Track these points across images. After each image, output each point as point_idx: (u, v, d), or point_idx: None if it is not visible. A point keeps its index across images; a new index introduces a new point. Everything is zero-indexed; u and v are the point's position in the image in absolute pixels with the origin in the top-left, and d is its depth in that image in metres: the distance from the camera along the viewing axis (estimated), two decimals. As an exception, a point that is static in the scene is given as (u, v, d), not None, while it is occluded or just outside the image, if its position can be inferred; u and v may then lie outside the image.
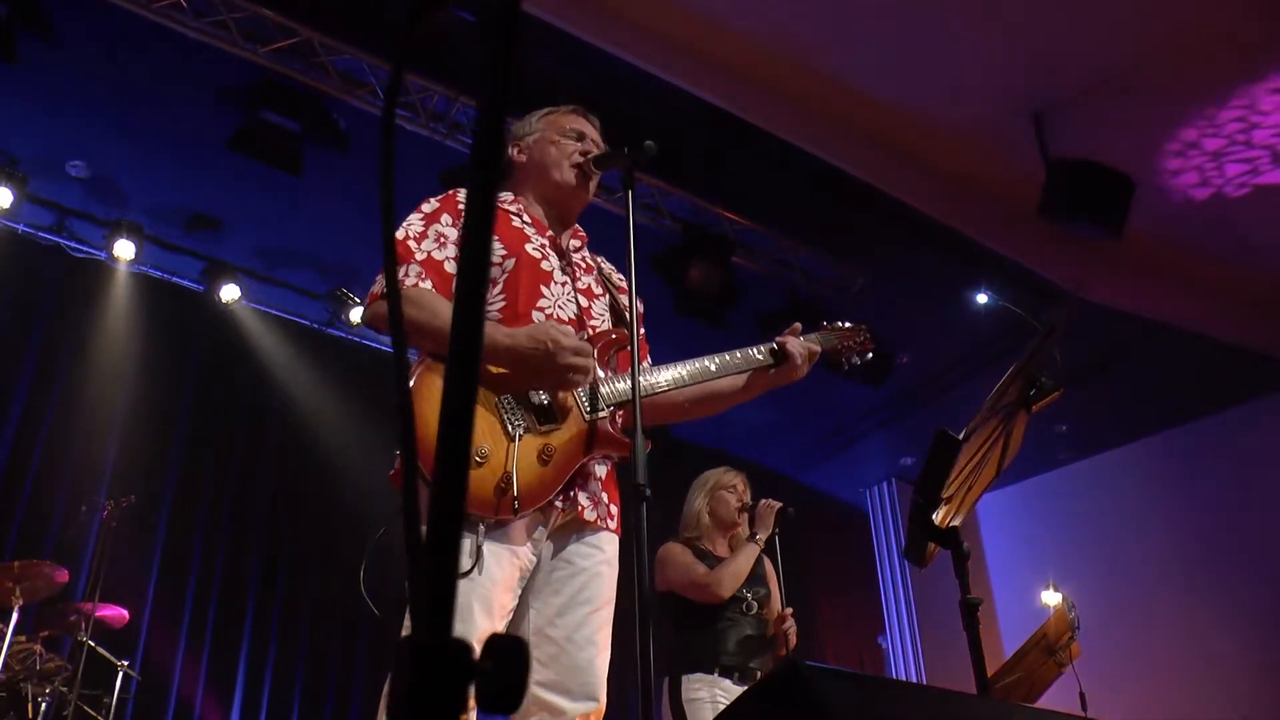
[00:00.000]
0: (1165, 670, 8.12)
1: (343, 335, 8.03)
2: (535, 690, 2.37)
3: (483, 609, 2.26)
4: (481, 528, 2.26)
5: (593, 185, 2.77)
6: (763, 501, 4.35)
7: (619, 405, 2.50)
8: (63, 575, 5.50)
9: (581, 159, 2.72)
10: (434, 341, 2.37)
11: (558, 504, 2.42)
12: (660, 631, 4.23)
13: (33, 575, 5.33)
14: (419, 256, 2.48)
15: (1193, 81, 5.83)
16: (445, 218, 2.58)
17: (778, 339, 2.77)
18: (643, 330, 2.85)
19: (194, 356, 7.62)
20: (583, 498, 2.47)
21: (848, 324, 3.13)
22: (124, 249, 7.14)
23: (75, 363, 7.17)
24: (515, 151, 2.85)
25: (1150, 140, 6.21)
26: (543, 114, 2.86)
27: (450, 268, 2.49)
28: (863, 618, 9.89)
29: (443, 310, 2.37)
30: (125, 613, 5.87)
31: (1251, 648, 7.86)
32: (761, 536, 4.25)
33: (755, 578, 4.32)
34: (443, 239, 2.53)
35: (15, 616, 5.17)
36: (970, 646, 1.85)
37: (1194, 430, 8.71)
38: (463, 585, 2.26)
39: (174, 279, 7.66)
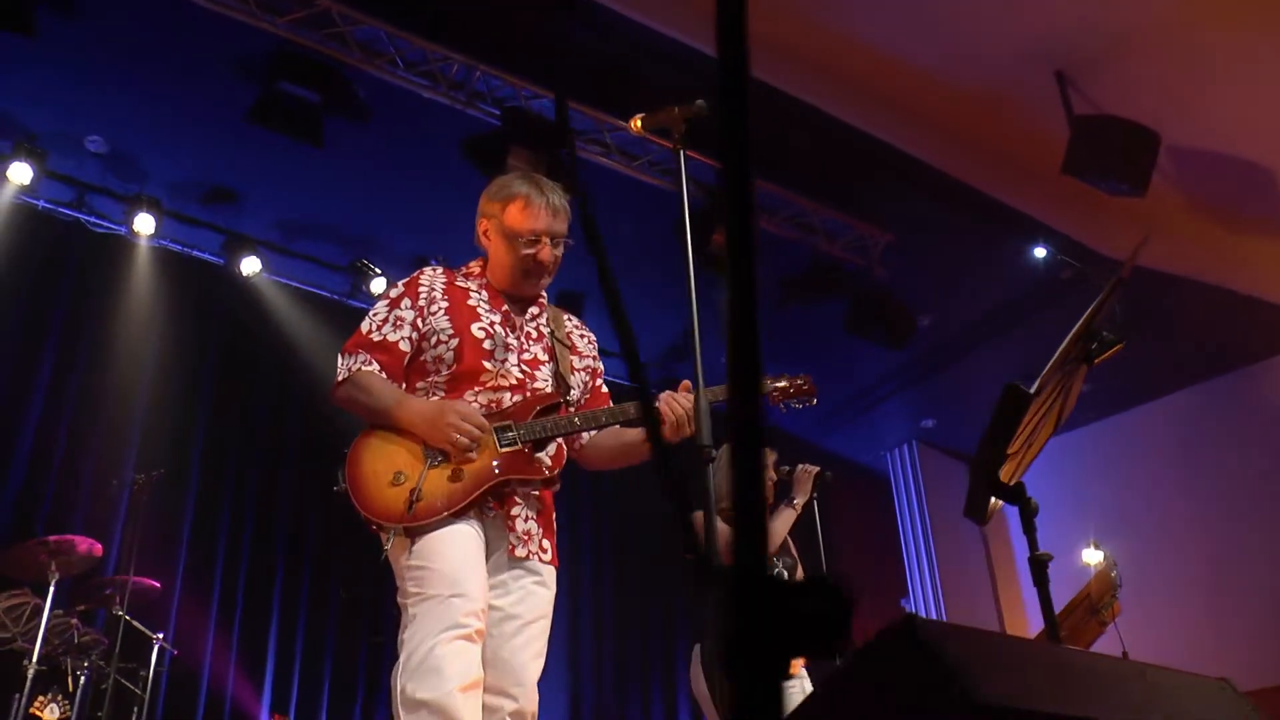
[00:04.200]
0: (1200, 625, 8.11)
1: (364, 306, 7.97)
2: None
3: (474, 561, 2.70)
4: (392, 534, 2.71)
5: (545, 281, 3.06)
6: (800, 467, 4.36)
7: (535, 441, 2.85)
8: (97, 549, 5.54)
9: (532, 265, 2.97)
10: (369, 414, 2.85)
11: (488, 511, 2.81)
12: (689, 600, 4.29)
13: (67, 550, 5.36)
14: (374, 339, 2.91)
15: (1217, 37, 5.77)
16: (405, 302, 2.97)
17: (658, 400, 2.87)
18: (600, 372, 3.21)
19: (215, 330, 7.64)
20: (511, 537, 2.84)
21: (795, 377, 3.27)
22: (144, 223, 7.13)
23: (98, 338, 7.19)
24: (480, 231, 3.08)
25: (1174, 97, 6.15)
26: (502, 196, 3.04)
27: (405, 345, 2.92)
28: (886, 581, 9.90)
29: (374, 387, 2.83)
30: (158, 584, 5.91)
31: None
32: (799, 501, 4.26)
33: (783, 546, 4.35)
34: (400, 321, 2.93)
35: (52, 591, 5.20)
36: (1041, 603, 1.84)
37: (1215, 387, 8.66)
38: (439, 551, 2.67)
39: (194, 253, 7.65)
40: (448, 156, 5.91)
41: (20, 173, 6.71)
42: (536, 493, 2.93)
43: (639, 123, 2.78)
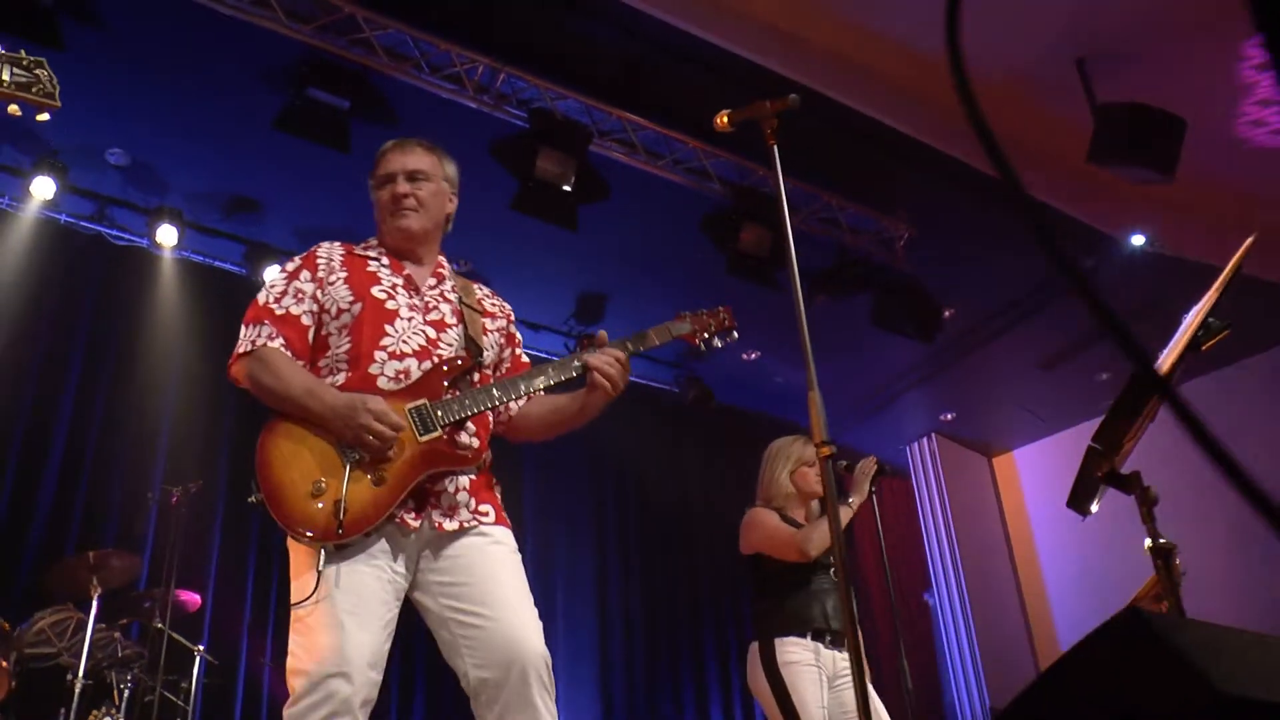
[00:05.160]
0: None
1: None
2: (475, 673, 2.51)
3: (354, 621, 2.44)
4: (322, 553, 2.48)
5: (411, 220, 2.89)
6: (861, 462, 4.35)
7: (454, 424, 2.67)
8: (135, 563, 5.55)
9: (393, 205, 2.90)
10: (271, 397, 2.64)
11: (409, 521, 2.58)
12: (744, 596, 4.28)
13: (107, 565, 5.38)
14: (276, 313, 2.75)
15: (1242, 21, 5.78)
16: (304, 274, 2.82)
17: (585, 358, 2.80)
18: (519, 341, 3.07)
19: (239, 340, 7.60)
20: (436, 515, 2.62)
21: (705, 310, 3.15)
22: (166, 235, 7.12)
23: (122, 351, 7.20)
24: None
25: (1200, 82, 6.16)
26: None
27: (307, 320, 2.76)
28: (908, 575, 9.91)
29: (281, 369, 2.64)
30: (198, 597, 5.92)
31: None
32: (855, 500, 4.24)
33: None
34: (300, 294, 2.78)
35: (96, 606, 5.21)
36: (1167, 593, 1.83)
37: (1244, 369, 8.63)
38: (327, 602, 2.45)
39: (216, 263, 7.64)
40: (475, 159, 5.90)
41: (43, 187, 6.71)
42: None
43: (726, 118, 2.77)
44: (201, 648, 5.79)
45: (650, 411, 8.95)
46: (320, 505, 2.49)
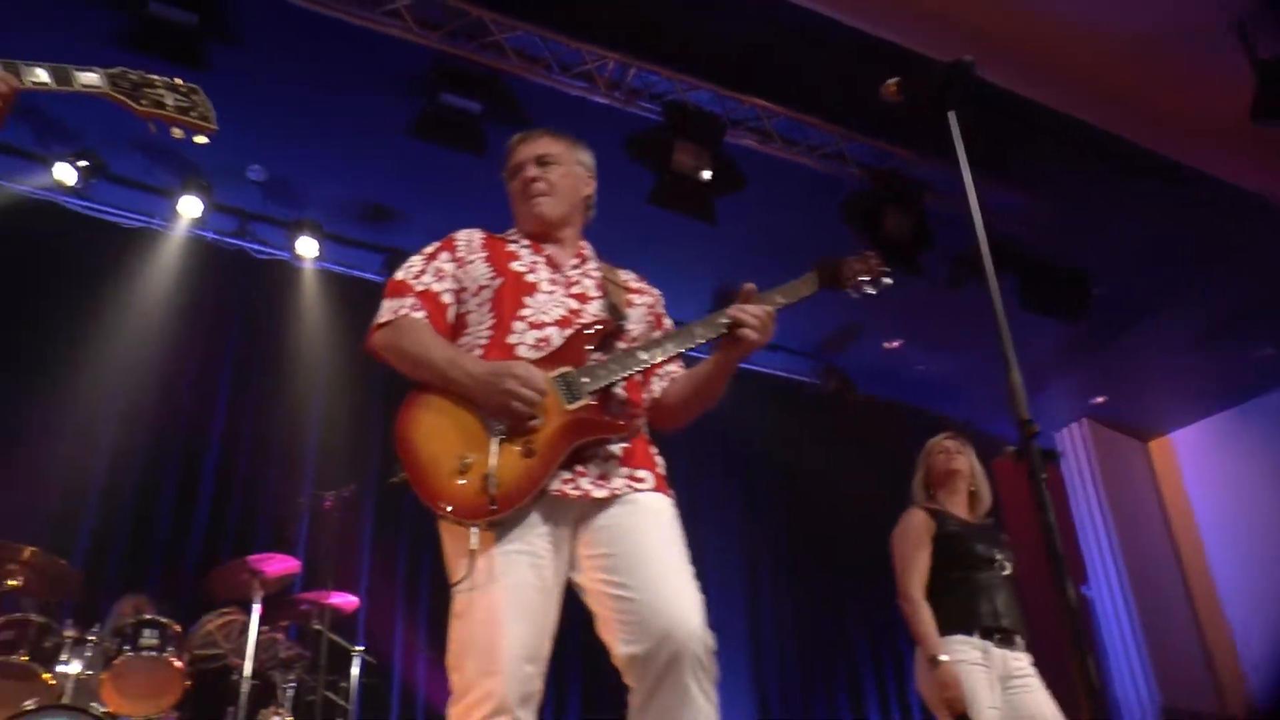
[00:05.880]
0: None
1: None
2: (625, 649, 2.32)
3: (510, 614, 2.31)
4: (474, 532, 2.34)
5: (543, 203, 2.82)
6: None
7: (600, 390, 2.54)
8: (294, 566, 5.67)
9: (524, 191, 2.86)
10: (412, 368, 2.56)
11: (566, 490, 2.44)
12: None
13: (268, 568, 5.49)
14: (416, 289, 2.67)
15: None
16: (444, 255, 2.76)
17: (729, 311, 2.64)
18: (667, 326, 2.90)
19: (383, 345, 7.75)
20: (585, 482, 2.48)
21: (850, 256, 3.00)
22: (306, 247, 7.31)
23: (270, 363, 7.39)
24: None
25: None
26: None
27: (448, 297, 2.69)
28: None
29: (423, 339, 2.56)
30: (354, 599, 6.02)
31: None
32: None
33: (1002, 543, 4.25)
34: (441, 273, 2.71)
35: (257, 608, 5.33)
36: None
37: None
38: (481, 593, 2.33)
39: (355, 273, 7.80)
40: (610, 156, 5.87)
41: (189, 206, 6.96)
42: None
43: (895, 87, 2.65)
44: (360, 648, 5.88)
45: (791, 404, 8.83)
46: (468, 482, 2.36)
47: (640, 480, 2.54)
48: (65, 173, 6.66)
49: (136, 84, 2.23)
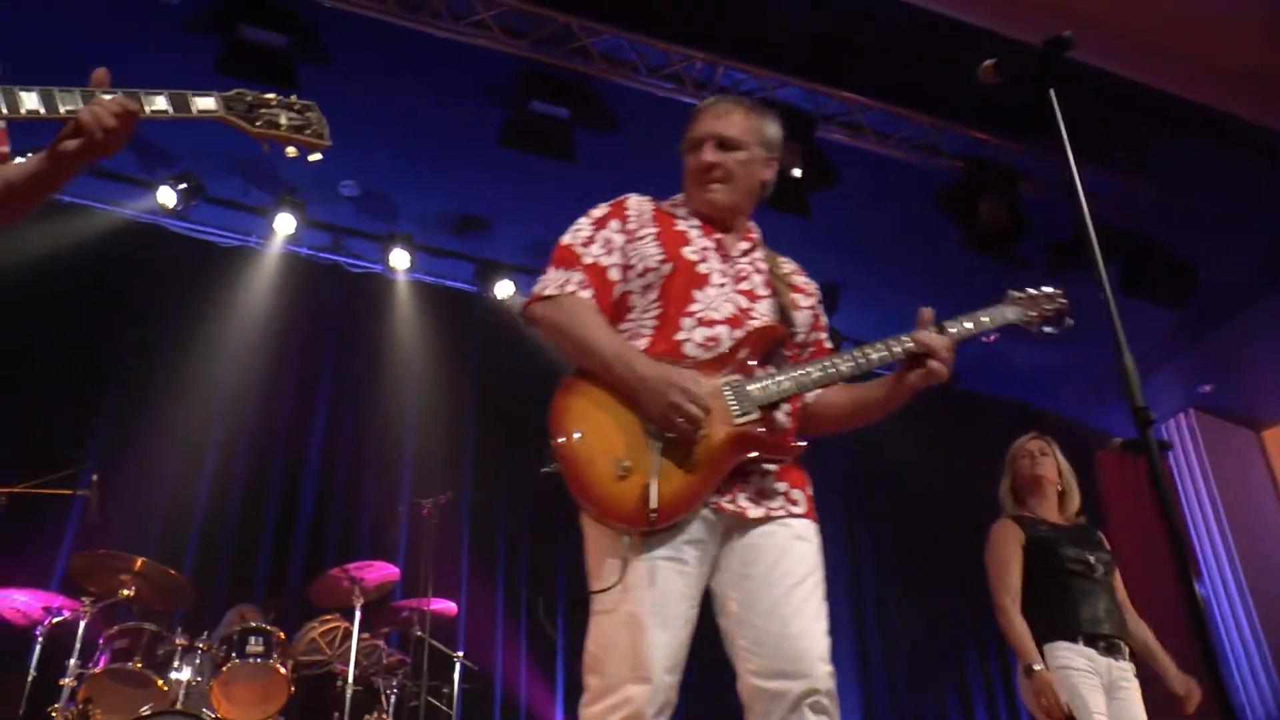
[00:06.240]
0: None
1: (617, 319, 8.07)
2: (751, 680, 2.29)
3: (655, 620, 2.24)
4: (627, 540, 2.27)
5: (716, 191, 2.67)
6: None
7: (771, 405, 2.44)
8: (393, 573, 5.73)
9: (699, 174, 2.68)
10: (574, 351, 2.45)
11: (722, 504, 2.36)
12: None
13: (368, 576, 5.56)
14: (584, 261, 2.55)
15: None
16: (614, 223, 2.63)
17: (910, 336, 2.52)
18: (824, 325, 2.78)
19: (475, 355, 7.86)
20: (742, 499, 2.39)
21: (1040, 290, 2.85)
22: (399, 259, 7.42)
23: (365, 374, 7.51)
24: None
25: None
26: None
27: (615, 274, 2.56)
28: (1165, 563, 9.22)
29: (590, 324, 2.44)
30: (454, 605, 6.06)
31: None
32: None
33: (1094, 543, 4.19)
34: (609, 245, 2.58)
35: (359, 615, 5.40)
36: None
37: None
38: (628, 597, 2.25)
39: (448, 283, 7.89)
40: (699, 156, 5.88)
41: (284, 223, 7.10)
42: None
43: (993, 67, 2.54)
44: (461, 654, 5.92)
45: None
46: (626, 488, 2.27)
47: (794, 503, 2.46)
48: (166, 195, 6.85)
49: (252, 105, 2.24)
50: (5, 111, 1.90)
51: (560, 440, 2.34)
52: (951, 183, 6.48)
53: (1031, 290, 2.83)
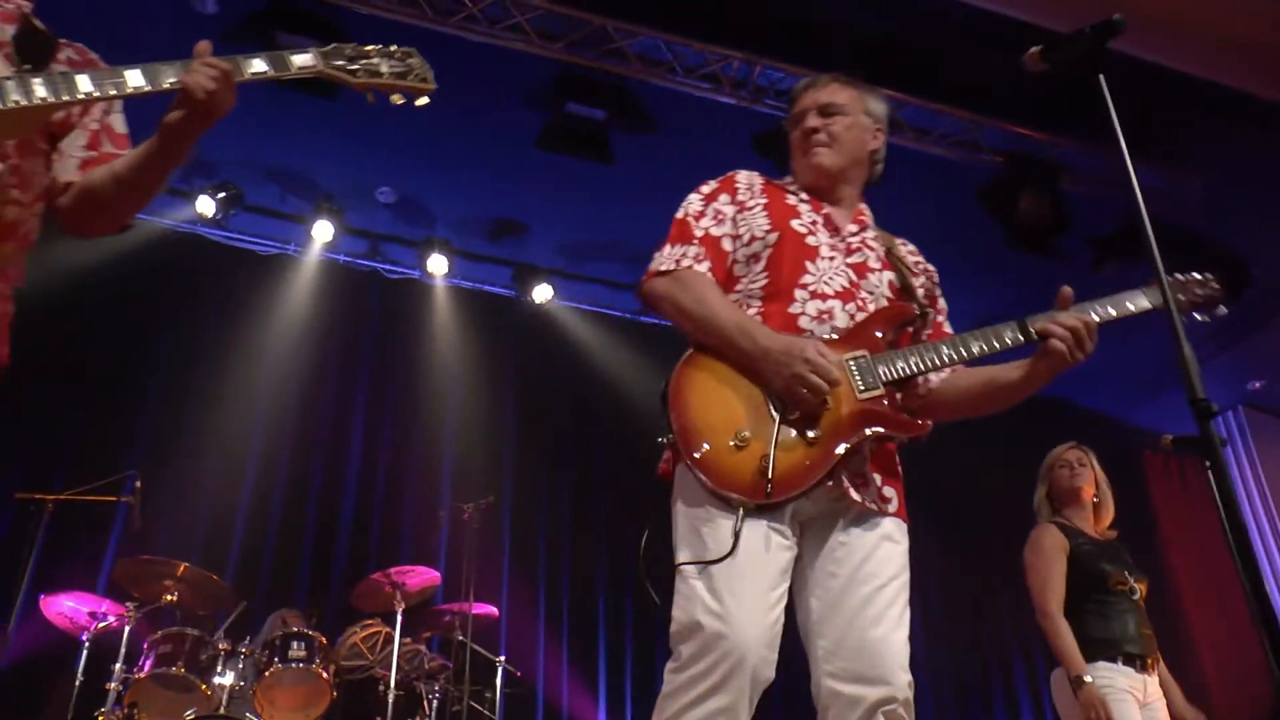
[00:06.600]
0: None
1: (655, 322, 8.03)
2: (828, 683, 2.24)
3: (755, 590, 2.20)
4: (741, 511, 2.20)
5: (821, 156, 2.64)
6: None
7: (895, 384, 2.39)
8: (435, 578, 5.72)
9: (803, 142, 2.68)
10: (694, 326, 2.41)
11: (829, 486, 2.30)
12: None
13: (410, 580, 5.56)
14: (697, 234, 2.52)
15: None
16: (723, 197, 2.61)
17: (1040, 320, 2.44)
18: (942, 309, 2.71)
19: (514, 359, 7.87)
20: (846, 480, 2.34)
21: (1189, 274, 2.72)
22: (437, 264, 7.43)
23: (404, 380, 7.54)
24: None
25: None
26: None
27: (727, 244, 2.54)
28: (1218, 574, 9.01)
29: (709, 297, 2.41)
30: (495, 610, 6.05)
31: None
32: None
33: (1129, 562, 4.15)
34: (720, 216, 2.57)
35: (400, 620, 5.39)
36: None
37: None
38: (727, 568, 2.18)
39: (485, 287, 7.91)
40: (738, 155, 5.82)
41: (322, 231, 7.13)
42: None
43: (1039, 54, 2.47)
44: (503, 659, 5.90)
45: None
46: (743, 459, 2.23)
47: (887, 500, 2.40)
48: (205, 205, 6.90)
49: (352, 57, 2.22)
50: (114, 91, 1.93)
51: (678, 409, 2.31)
52: (992, 178, 6.40)
53: (1180, 275, 2.73)
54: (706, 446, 2.25)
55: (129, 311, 6.77)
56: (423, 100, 2.34)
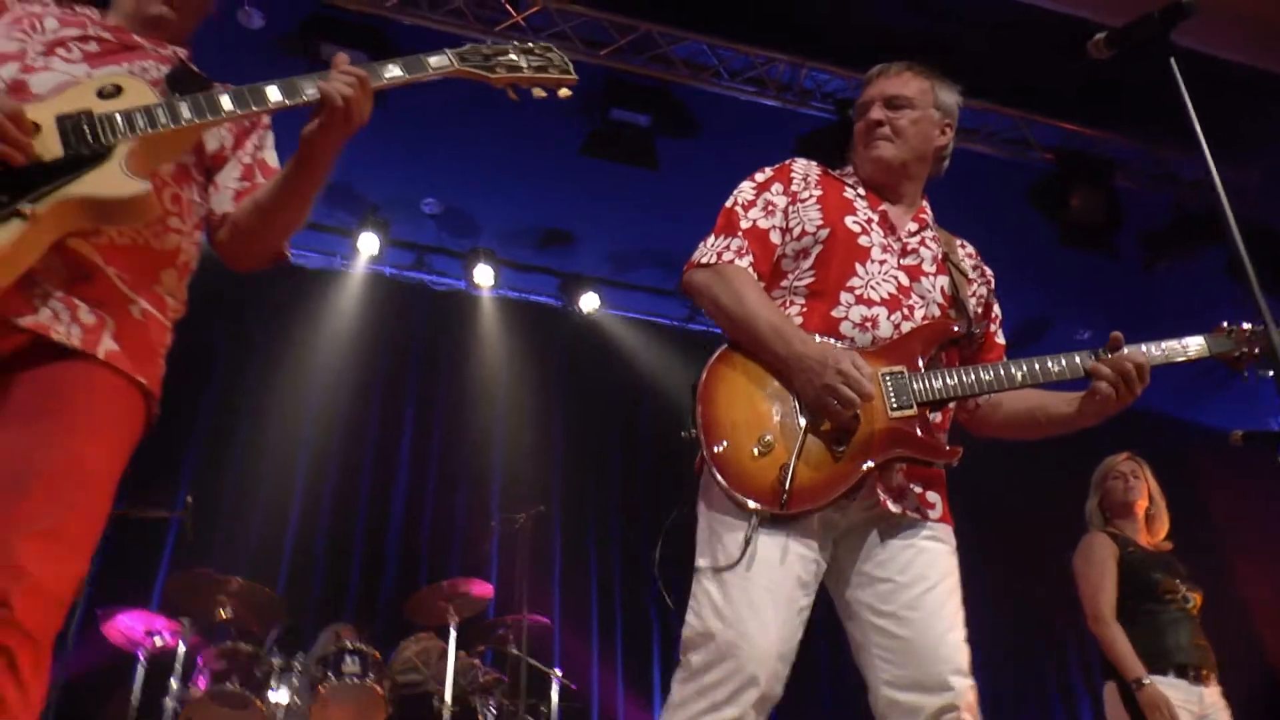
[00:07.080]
0: None
1: (703, 329, 7.99)
2: (885, 692, 2.18)
3: (770, 601, 2.13)
4: (754, 519, 2.15)
5: (884, 149, 2.53)
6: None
7: (931, 403, 2.29)
8: (488, 590, 5.68)
9: (866, 134, 2.58)
10: (730, 323, 2.35)
11: (862, 497, 2.24)
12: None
13: (463, 593, 5.52)
14: (743, 226, 2.45)
15: None
16: (776, 186, 2.53)
17: (1087, 363, 2.34)
18: (996, 315, 2.63)
19: (561, 369, 7.85)
20: (881, 491, 2.25)
21: (1245, 326, 2.60)
22: (483, 275, 7.42)
23: (452, 391, 7.52)
24: None
25: None
26: None
27: (775, 237, 2.46)
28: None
29: (747, 295, 2.34)
30: (548, 621, 6.00)
31: None
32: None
33: (1183, 573, 4.07)
34: (771, 207, 2.48)
35: (453, 633, 5.35)
36: None
37: None
38: (741, 576, 2.13)
39: (532, 297, 7.90)
40: (783, 159, 5.76)
41: (368, 243, 7.14)
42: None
43: (1104, 41, 2.38)
44: (558, 671, 5.84)
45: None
46: (765, 466, 2.17)
47: (931, 506, 2.33)
48: (253, 220, 6.90)
49: (489, 55, 2.25)
50: (254, 107, 1.96)
51: (705, 405, 2.25)
52: (1042, 176, 6.29)
53: (1249, 328, 2.61)
54: (726, 444, 2.20)
55: (179, 328, 6.78)
56: (565, 92, 2.38)
